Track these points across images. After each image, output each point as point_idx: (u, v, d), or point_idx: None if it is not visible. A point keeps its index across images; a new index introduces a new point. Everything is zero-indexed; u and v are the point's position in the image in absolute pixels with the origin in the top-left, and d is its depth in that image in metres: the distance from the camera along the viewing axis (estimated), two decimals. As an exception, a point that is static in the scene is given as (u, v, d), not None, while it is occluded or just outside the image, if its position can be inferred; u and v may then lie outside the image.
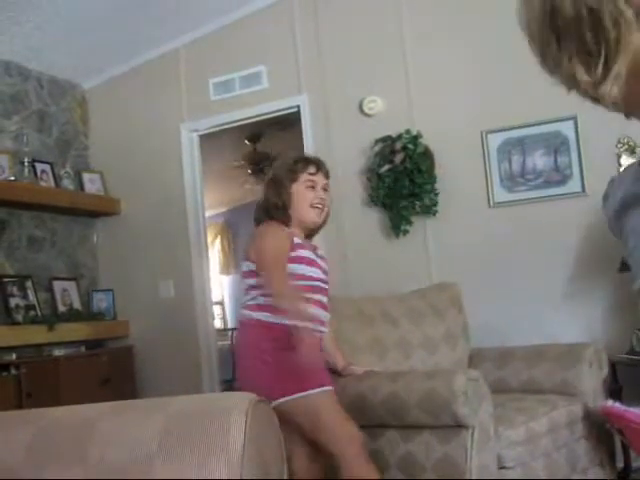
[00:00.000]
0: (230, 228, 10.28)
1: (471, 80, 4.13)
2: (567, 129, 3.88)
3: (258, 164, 7.90)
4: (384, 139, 4.24)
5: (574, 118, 3.84)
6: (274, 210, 2.70)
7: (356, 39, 4.44)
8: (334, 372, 2.86)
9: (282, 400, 2.41)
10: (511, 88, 4.00)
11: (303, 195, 2.70)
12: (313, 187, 2.72)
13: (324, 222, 2.83)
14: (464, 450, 2.52)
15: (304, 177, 2.72)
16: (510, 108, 4.00)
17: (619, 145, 3.73)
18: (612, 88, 0.75)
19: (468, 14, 4.14)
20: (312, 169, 2.73)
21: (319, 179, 2.74)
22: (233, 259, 10.30)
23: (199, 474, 1.13)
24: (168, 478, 1.14)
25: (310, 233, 2.82)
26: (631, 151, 3.71)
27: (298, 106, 4.61)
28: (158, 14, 4.51)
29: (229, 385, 6.69)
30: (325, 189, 2.77)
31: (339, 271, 4.45)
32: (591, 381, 3.22)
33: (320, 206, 2.72)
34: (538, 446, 2.84)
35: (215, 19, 4.75)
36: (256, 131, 6.98)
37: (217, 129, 4.96)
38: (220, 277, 10.20)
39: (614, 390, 3.38)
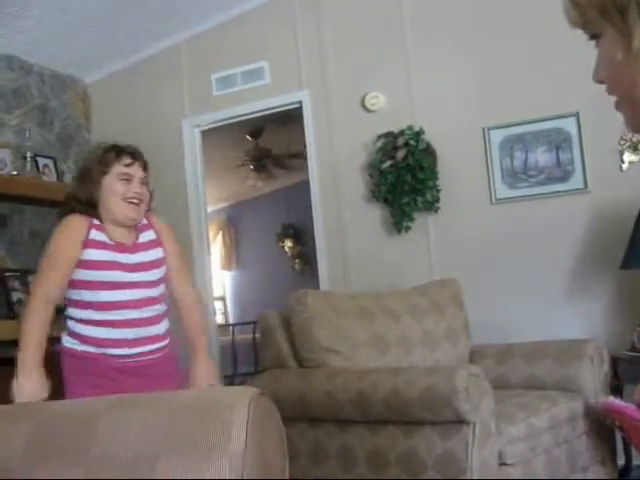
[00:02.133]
0: (232, 224, 10.29)
1: (473, 76, 4.12)
2: (569, 125, 3.87)
3: (260, 160, 7.90)
4: (386, 135, 4.23)
5: (576, 114, 3.83)
6: (77, 205, 2.41)
7: (358, 34, 4.44)
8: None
9: None
10: (513, 84, 3.99)
11: (114, 189, 2.38)
12: (128, 180, 2.41)
13: (148, 205, 2.53)
14: (465, 446, 2.52)
15: (117, 169, 2.41)
16: (512, 104, 4.00)
17: (621, 142, 3.73)
18: None
19: (470, 10, 4.13)
20: (127, 160, 2.42)
21: (135, 171, 2.42)
22: (235, 255, 10.31)
23: (201, 469, 1.13)
24: (170, 473, 1.14)
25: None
26: (634, 148, 3.71)
27: (300, 101, 4.60)
28: (160, 9, 4.50)
29: (230, 381, 6.71)
30: (143, 183, 2.45)
31: (340, 267, 4.45)
32: (592, 377, 3.22)
33: (136, 201, 2.41)
34: (539, 442, 2.84)
35: (217, 14, 4.74)
36: (258, 127, 6.99)
37: (219, 124, 4.96)
38: (221, 272, 10.21)
39: (615, 387, 3.38)
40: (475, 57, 4.12)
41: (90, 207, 2.41)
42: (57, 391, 2.36)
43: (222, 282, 10.25)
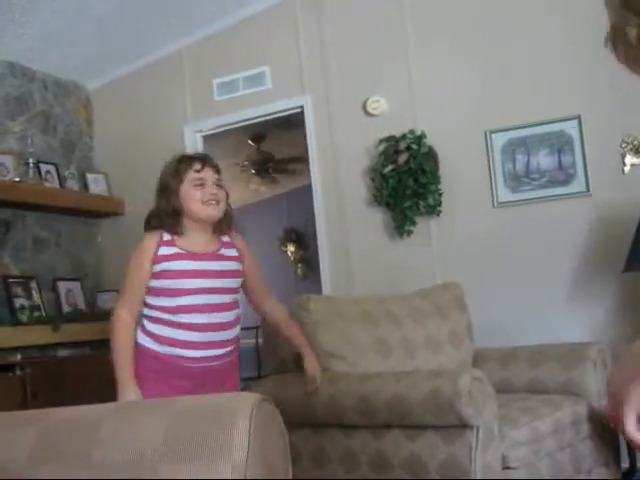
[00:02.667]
0: (234, 228, 10.27)
1: (475, 80, 4.12)
2: (571, 128, 3.87)
3: (262, 164, 7.91)
4: (388, 139, 4.24)
5: (578, 117, 3.83)
6: (165, 217, 2.57)
7: (359, 39, 4.44)
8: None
9: None
10: (515, 88, 3.99)
11: (191, 195, 2.54)
12: (202, 184, 2.56)
13: (229, 217, 2.68)
14: (468, 450, 2.52)
15: (190, 176, 2.56)
16: (514, 108, 4.00)
17: (623, 144, 3.73)
18: None
19: (472, 14, 4.14)
20: (197, 166, 2.57)
21: (207, 175, 2.57)
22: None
23: (203, 475, 1.13)
24: (173, 479, 1.14)
25: (218, 228, 2.67)
26: (635, 150, 3.70)
27: (302, 106, 4.61)
28: (161, 15, 4.51)
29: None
30: (217, 184, 2.59)
31: (343, 271, 4.45)
32: (596, 381, 3.22)
33: (213, 202, 2.56)
34: (543, 446, 2.83)
35: (219, 20, 4.75)
36: (260, 131, 6.99)
37: (221, 129, 4.97)
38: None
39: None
40: (476, 61, 4.12)
41: (174, 218, 2.57)
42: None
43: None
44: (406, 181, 4.12)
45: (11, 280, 4.39)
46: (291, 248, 9.77)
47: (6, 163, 4.39)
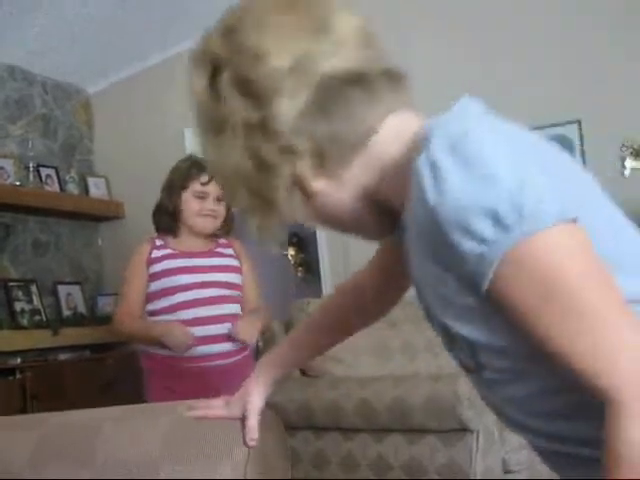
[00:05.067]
0: (235, 231, 10.27)
1: (474, 83, 4.12)
2: (571, 133, 3.87)
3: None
4: (388, 143, 4.23)
5: (578, 121, 3.83)
6: (164, 215, 2.61)
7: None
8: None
9: None
10: (514, 92, 3.99)
11: (191, 205, 2.56)
12: (203, 198, 2.56)
13: (228, 223, 2.69)
14: (469, 454, 2.52)
15: (194, 187, 2.56)
16: (514, 112, 3.97)
17: (623, 148, 3.73)
18: None
19: (472, 17, 4.14)
20: (204, 178, 2.54)
21: (211, 189, 2.55)
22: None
23: (204, 477, 1.13)
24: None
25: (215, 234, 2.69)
26: (636, 154, 3.70)
27: (302, 110, 4.61)
28: (162, 18, 4.52)
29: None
30: (219, 199, 2.57)
31: (343, 274, 4.45)
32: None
33: (210, 217, 2.58)
34: (543, 450, 2.83)
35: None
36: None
37: (221, 133, 4.96)
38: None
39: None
40: (476, 64, 4.12)
41: (172, 217, 2.60)
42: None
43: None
44: (406, 185, 4.12)
45: (11, 284, 4.38)
46: (291, 251, 9.77)
47: (6, 167, 4.40)
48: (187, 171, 2.58)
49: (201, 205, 2.56)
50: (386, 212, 0.98)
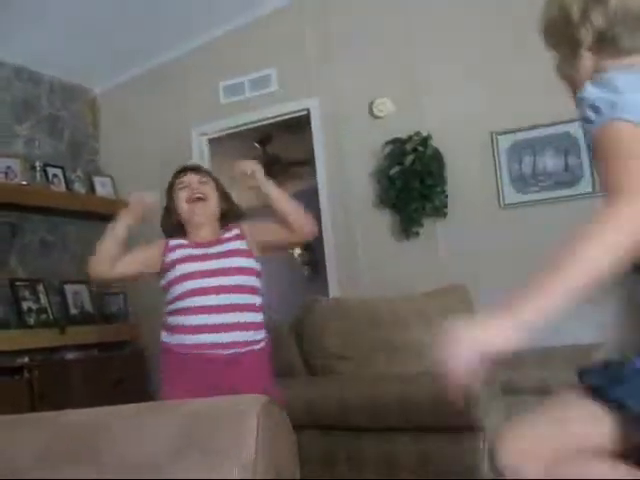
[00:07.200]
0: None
1: (481, 82, 4.12)
2: (577, 130, 3.86)
3: (268, 167, 7.91)
4: (394, 141, 4.24)
5: (584, 119, 3.82)
6: (167, 219, 2.86)
7: (365, 41, 4.44)
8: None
9: None
10: (521, 89, 3.98)
11: (179, 197, 2.78)
12: (185, 187, 2.78)
13: (234, 211, 2.88)
14: (477, 452, 2.51)
15: (176, 183, 2.82)
16: (520, 110, 3.99)
17: (630, 145, 3.71)
18: None
19: (478, 15, 4.13)
20: (180, 174, 2.83)
21: (189, 178, 2.80)
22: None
23: (212, 476, 1.14)
24: (182, 479, 1.14)
25: (224, 223, 2.83)
26: (642, 151, 3.69)
27: (308, 109, 4.61)
28: (167, 18, 4.52)
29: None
30: (202, 182, 2.81)
31: (350, 272, 4.45)
32: (603, 383, 3.20)
33: (198, 195, 2.75)
34: (550, 448, 2.82)
35: (225, 22, 4.76)
36: (266, 134, 6.99)
37: (227, 132, 4.97)
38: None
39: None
40: (483, 63, 4.12)
41: (175, 219, 2.81)
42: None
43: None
44: (412, 183, 4.12)
45: (18, 283, 4.40)
46: (298, 250, 9.76)
47: (13, 167, 4.41)
48: (170, 182, 2.85)
49: (185, 192, 2.76)
50: None
